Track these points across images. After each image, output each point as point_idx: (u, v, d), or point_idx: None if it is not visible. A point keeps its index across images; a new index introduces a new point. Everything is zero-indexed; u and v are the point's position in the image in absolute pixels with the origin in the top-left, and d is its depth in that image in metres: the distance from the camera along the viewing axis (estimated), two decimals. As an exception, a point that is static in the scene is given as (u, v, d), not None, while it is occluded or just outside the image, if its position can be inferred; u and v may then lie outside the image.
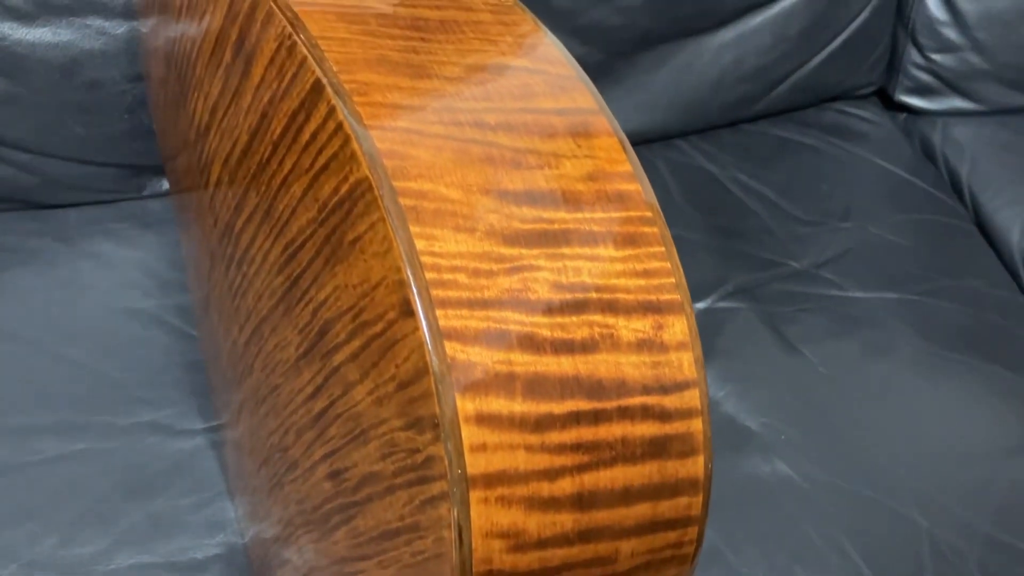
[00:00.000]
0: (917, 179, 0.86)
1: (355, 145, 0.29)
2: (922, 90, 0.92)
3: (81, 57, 0.64)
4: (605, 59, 0.79)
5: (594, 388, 0.29)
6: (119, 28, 0.64)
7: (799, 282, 0.75)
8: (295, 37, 0.32)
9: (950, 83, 0.90)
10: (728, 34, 0.82)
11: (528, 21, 0.35)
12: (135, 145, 0.70)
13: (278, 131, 0.34)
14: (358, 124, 0.29)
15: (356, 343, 0.31)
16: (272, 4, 0.33)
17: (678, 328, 0.30)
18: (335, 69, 0.31)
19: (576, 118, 0.32)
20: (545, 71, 0.33)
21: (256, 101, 0.36)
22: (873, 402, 0.68)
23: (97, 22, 0.64)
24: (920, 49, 0.90)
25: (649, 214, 0.31)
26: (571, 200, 0.30)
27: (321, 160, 0.32)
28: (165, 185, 0.72)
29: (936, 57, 0.89)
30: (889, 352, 0.71)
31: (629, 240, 0.30)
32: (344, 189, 0.30)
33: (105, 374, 0.64)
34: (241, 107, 0.37)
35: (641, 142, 0.88)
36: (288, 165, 0.34)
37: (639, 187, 0.31)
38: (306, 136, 0.32)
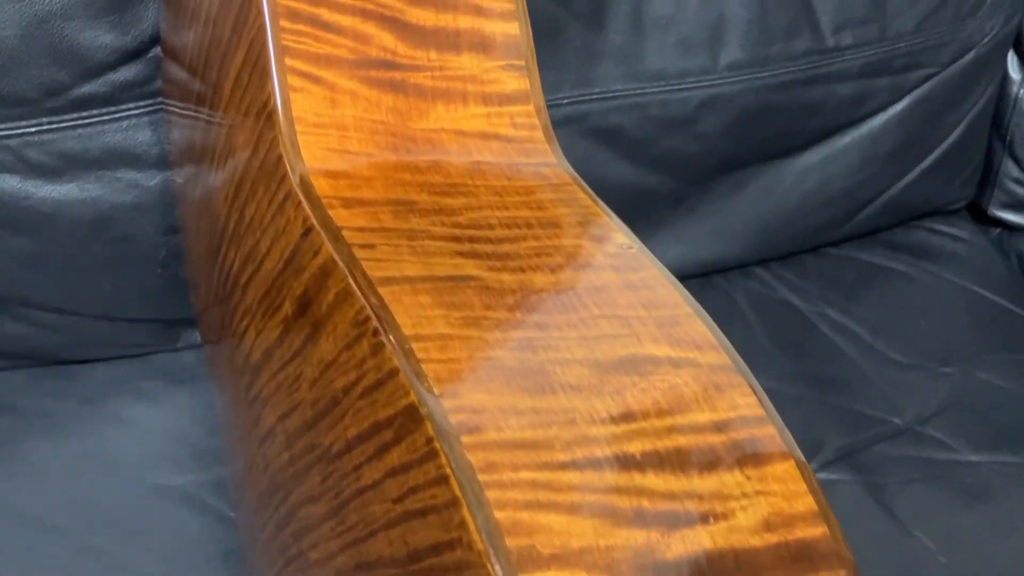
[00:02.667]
0: (1020, 308, 0.79)
1: (466, 514, 0.23)
2: (1019, 205, 0.85)
3: (111, 212, 0.58)
4: (679, 187, 0.73)
5: None
6: (152, 180, 0.57)
7: (905, 443, 0.68)
8: (382, 336, 0.26)
9: (1052, 199, 0.83)
10: (813, 156, 0.76)
11: (662, 281, 0.29)
12: (170, 299, 0.64)
13: (353, 432, 0.28)
14: (470, 484, 0.23)
15: None
16: (350, 280, 0.27)
17: None
18: (437, 392, 0.24)
19: (740, 434, 0.26)
20: (694, 361, 0.27)
21: (325, 380, 0.30)
22: (1002, 597, 0.61)
23: (129, 175, 0.57)
24: (1018, 162, 0.83)
25: (843, 572, 0.25)
26: (747, 568, 0.24)
27: (414, 504, 0.25)
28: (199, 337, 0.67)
29: (1036, 172, 0.83)
30: (1015, 531, 0.63)
31: (822, 617, 0.24)
32: (448, 557, 0.24)
33: (134, 567, 0.58)
34: (304, 374, 0.31)
35: (717, 271, 0.82)
36: (367, 479, 0.28)
37: (827, 531, 0.25)
38: (394, 461, 0.26)
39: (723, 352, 0.26)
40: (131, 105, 0.57)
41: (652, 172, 0.70)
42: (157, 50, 0.56)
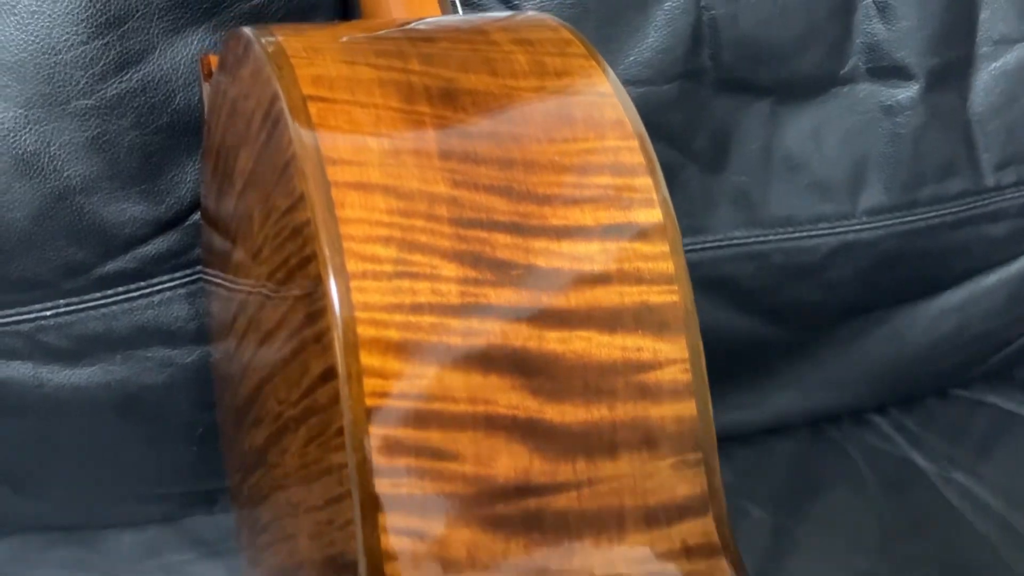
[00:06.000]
0: None
1: None
2: None
3: (140, 393, 0.49)
4: (796, 336, 0.63)
5: None
6: (189, 356, 0.48)
7: (1056, 665, 0.59)
8: None
9: None
10: (952, 298, 0.66)
11: None
12: (206, 471, 0.56)
13: None
14: None
15: None
16: None
17: None
18: None
19: None
20: None
21: None
22: None
23: (161, 353, 0.47)
24: None
25: None
26: None
27: None
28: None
29: None
30: None
31: None
32: None
33: None
34: None
35: (827, 419, 0.73)
36: None
37: None
38: None
39: None
40: (165, 279, 0.47)
41: (766, 322, 0.61)
42: (196, 216, 0.48)
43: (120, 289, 0.47)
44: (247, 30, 0.27)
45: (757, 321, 0.60)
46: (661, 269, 0.24)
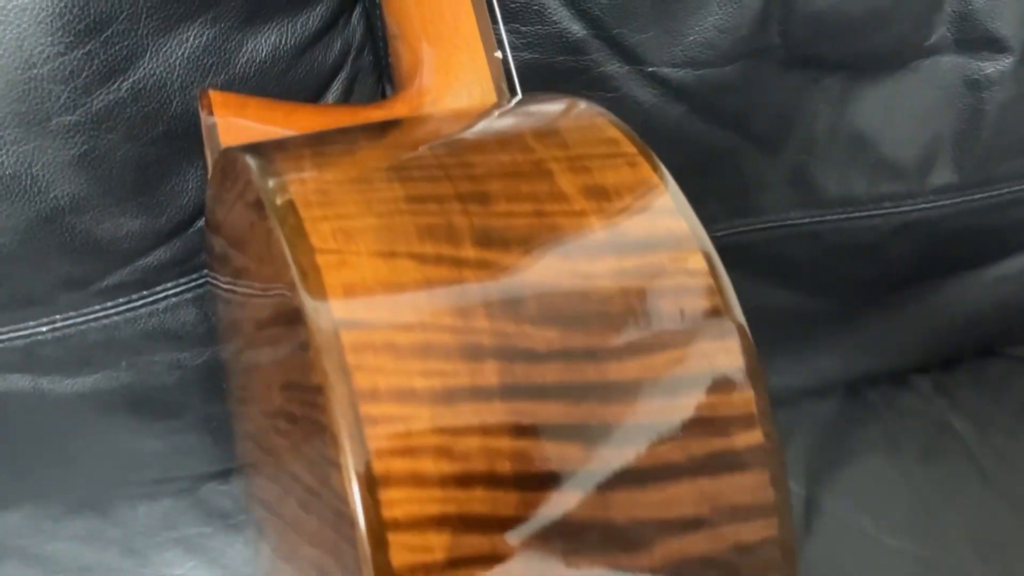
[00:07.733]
0: None
1: None
2: None
3: (149, 395, 0.45)
4: (843, 308, 0.59)
5: None
6: (199, 358, 0.44)
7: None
8: None
9: None
10: (1011, 266, 0.60)
11: None
12: (220, 452, 0.54)
13: None
14: None
15: None
16: None
17: None
18: None
19: None
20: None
21: None
22: None
23: (169, 356, 0.44)
24: None
25: None
26: None
27: None
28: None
29: None
30: None
31: None
32: None
33: None
34: None
35: (867, 379, 0.70)
36: None
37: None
38: None
39: None
40: (170, 285, 0.43)
41: (814, 297, 0.56)
42: (200, 223, 0.43)
43: (122, 300, 0.43)
44: (251, 164, 0.22)
45: (804, 297, 0.56)
46: (760, 502, 0.21)
